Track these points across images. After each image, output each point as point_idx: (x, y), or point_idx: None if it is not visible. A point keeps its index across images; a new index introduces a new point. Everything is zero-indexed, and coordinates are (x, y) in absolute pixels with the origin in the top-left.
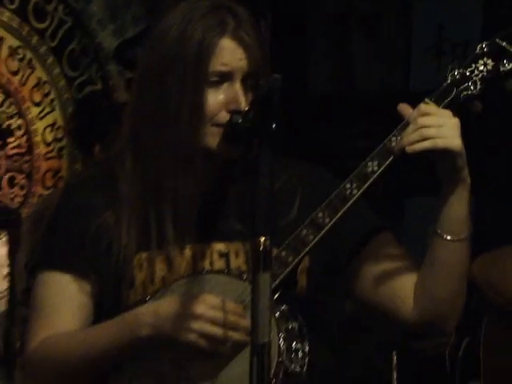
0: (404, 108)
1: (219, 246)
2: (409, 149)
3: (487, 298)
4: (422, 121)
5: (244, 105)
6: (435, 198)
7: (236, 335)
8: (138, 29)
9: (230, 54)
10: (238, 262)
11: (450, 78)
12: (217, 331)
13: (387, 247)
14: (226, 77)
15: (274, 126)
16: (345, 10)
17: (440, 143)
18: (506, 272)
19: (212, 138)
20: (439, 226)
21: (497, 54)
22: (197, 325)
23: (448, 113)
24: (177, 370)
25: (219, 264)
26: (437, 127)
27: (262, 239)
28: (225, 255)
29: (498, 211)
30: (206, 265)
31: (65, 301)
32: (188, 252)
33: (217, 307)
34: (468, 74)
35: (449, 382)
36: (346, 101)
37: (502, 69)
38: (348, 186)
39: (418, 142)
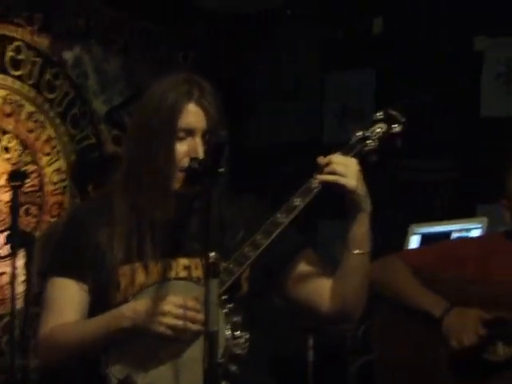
0: (321, 159)
1: (183, 261)
2: (319, 178)
3: (381, 294)
4: (334, 165)
5: (201, 154)
6: (342, 221)
7: (194, 326)
8: (122, 99)
9: (193, 116)
10: (197, 272)
11: (355, 137)
12: (179, 323)
13: (309, 259)
14: (189, 133)
15: (221, 170)
16: (274, 86)
17: (342, 180)
18: (399, 278)
19: (177, 179)
20: (347, 243)
21: (388, 120)
22: (165, 319)
23: (353, 161)
24: (150, 352)
25: (183, 274)
26: (343, 169)
27: (212, 254)
28: (188, 268)
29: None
30: (173, 274)
31: (68, 299)
32: (160, 264)
33: (180, 305)
34: (368, 134)
35: (349, 356)
36: (275, 151)
37: (392, 131)
38: (279, 215)
39: (328, 175)
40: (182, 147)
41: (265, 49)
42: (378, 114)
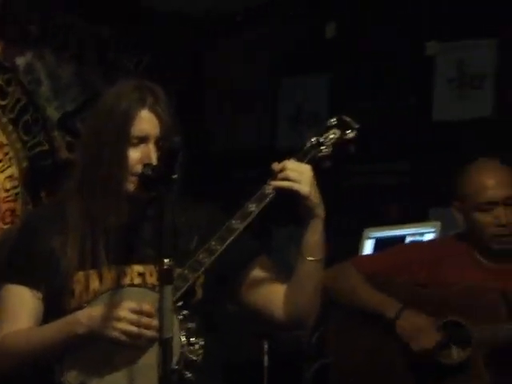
0: (275, 165)
1: (138, 268)
2: (273, 183)
3: (335, 301)
4: (288, 171)
5: (155, 160)
6: (296, 227)
7: (148, 332)
8: (75, 105)
9: (147, 122)
10: (152, 279)
11: (309, 143)
12: (134, 329)
13: (263, 266)
14: (143, 139)
15: (175, 176)
16: (229, 88)
17: (295, 186)
18: (352, 284)
19: (130, 185)
20: (301, 249)
21: (342, 126)
22: (119, 325)
23: (307, 167)
24: (105, 359)
25: (137, 281)
26: (296, 175)
27: (167, 260)
28: (142, 274)
29: None
30: (128, 281)
31: (21, 306)
32: (114, 271)
33: (134, 311)
34: (322, 140)
35: (304, 360)
36: (234, 156)
37: (345, 137)
38: (234, 221)
39: (282, 181)
40: (135, 154)
41: (220, 53)
42: (331, 120)
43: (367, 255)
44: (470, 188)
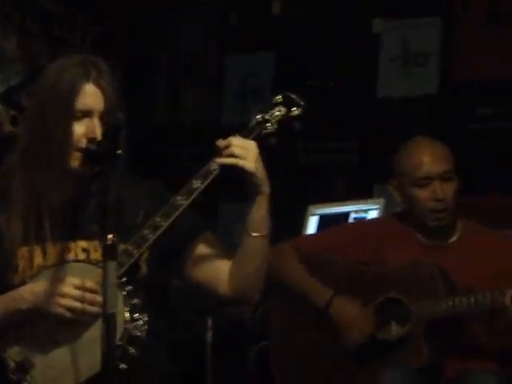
0: (220, 142)
1: (82, 244)
2: (219, 160)
3: (276, 282)
4: (233, 147)
5: (99, 135)
6: (242, 204)
7: (92, 308)
8: (18, 79)
9: (91, 96)
10: (96, 255)
11: (254, 119)
12: (78, 305)
13: (208, 242)
14: (87, 114)
15: (119, 151)
16: (173, 69)
17: (240, 163)
18: (289, 268)
19: (74, 160)
20: (246, 225)
21: (288, 103)
22: (63, 301)
23: (252, 143)
24: (48, 334)
25: (82, 256)
26: (241, 152)
27: (111, 236)
28: (86, 250)
29: None
30: (72, 256)
31: None
32: (58, 246)
33: (78, 287)
34: (267, 117)
35: (249, 337)
36: (179, 130)
37: (291, 114)
38: (179, 197)
39: (227, 157)
40: (79, 128)
41: (168, 27)
42: (277, 97)
43: (311, 235)
44: (407, 165)
